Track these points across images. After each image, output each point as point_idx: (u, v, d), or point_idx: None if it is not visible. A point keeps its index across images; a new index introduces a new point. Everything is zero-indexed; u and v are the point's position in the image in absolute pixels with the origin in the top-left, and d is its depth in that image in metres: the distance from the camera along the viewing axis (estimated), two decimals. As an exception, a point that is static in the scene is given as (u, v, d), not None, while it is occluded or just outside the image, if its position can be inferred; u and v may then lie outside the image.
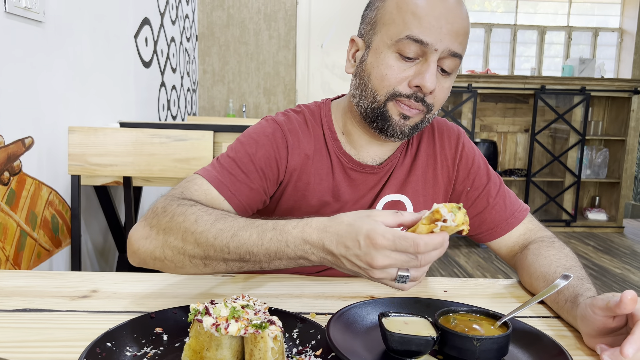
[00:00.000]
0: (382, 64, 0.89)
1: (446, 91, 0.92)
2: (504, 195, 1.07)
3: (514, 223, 1.06)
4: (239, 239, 0.75)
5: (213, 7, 4.63)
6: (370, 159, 1.03)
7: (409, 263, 0.66)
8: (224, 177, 0.92)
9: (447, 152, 1.06)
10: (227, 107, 4.72)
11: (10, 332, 0.73)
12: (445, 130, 1.08)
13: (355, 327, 0.74)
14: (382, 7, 0.91)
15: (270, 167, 0.96)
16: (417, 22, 0.86)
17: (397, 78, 0.88)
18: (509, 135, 5.07)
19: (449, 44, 0.86)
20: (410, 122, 0.92)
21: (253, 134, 0.98)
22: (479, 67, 5.37)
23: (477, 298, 0.93)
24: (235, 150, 0.96)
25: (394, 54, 0.88)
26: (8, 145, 1.52)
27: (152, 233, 0.81)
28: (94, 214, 2.22)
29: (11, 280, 0.93)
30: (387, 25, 0.89)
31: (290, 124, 1.00)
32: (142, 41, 2.81)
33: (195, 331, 0.63)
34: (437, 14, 0.85)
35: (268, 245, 0.74)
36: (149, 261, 0.83)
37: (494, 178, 1.08)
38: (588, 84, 4.58)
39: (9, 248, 1.54)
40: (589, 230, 4.84)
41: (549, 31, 5.41)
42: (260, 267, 0.77)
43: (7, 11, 1.46)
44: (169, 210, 0.82)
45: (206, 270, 0.80)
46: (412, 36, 0.86)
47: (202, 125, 2.10)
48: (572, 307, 0.79)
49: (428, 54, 0.87)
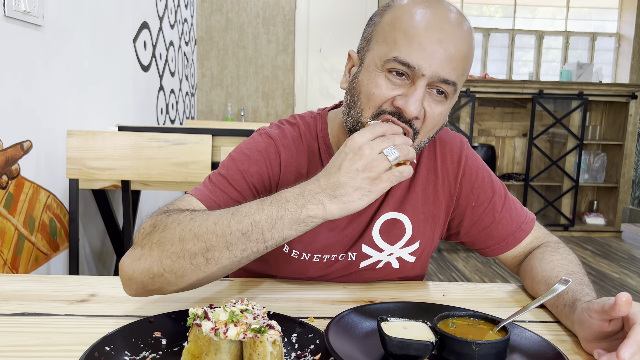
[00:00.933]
0: (372, 82, 0.85)
1: (437, 118, 0.86)
2: (509, 207, 1.03)
3: (521, 237, 1.03)
4: (239, 213, 0.74)
5: (212, 11, 4.64)
6: None
7: (386, 141, 0.74)
8: (215, 194, 0.90)
9: (449, 167, 1.01)
10: (226, 111, 4.72)
11: (9, 336, 0.73)
12: (447, 143, 1.02)
13: (354, 331, 0.74)
14: (378, 22, 0.88)
15: (263, 184, 0.94)
16: (406, 44, 0.81)
17: (385, 97, 0.84)
18: (507, 139, 5.08)
19: (439, 69, 0.81)
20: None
21: (246, 150, 0.96)
22: (477, 71, 5.39)
23: (476, 302, 0.93)
24: (227, 167, 0.94)
25: (383, 72, 0.84)
26: (6, 149, 1.51)
27: (145, 251, 0.78)
28: (92, 217, 2.22)
29: (9, 284, 0.93)
30: (380, 44, 0.85)
31: (285, 138, 0.97)
32: (141, 45, 2.81)
33: (194, 335, 0.63)
34: (429, 36, 0.81)
35: (269, 209, 0.73)
36: (147, 282, 0.78)
37: (499, 190, 1.04)
38: (586, 89, 4.60)
39: (6, 252, 1.53)
40: (587, 235, 4.84)
41: (546, 36, 5.43)
42: (263, 241, 0.74)
43: (6, 15, 1.46)
44: (159, 224, 0.79)
45: (208, 269, 0.76)
46: (399, 58, 0.81)
47: (200, 129, 2.10)
48: (571, 312, 0.79)
49: (415, 78, 0.82)
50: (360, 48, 0.91)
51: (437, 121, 0.87)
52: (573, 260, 0.95)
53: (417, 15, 0.82)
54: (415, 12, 0.83)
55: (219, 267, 0.75)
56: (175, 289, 0.78)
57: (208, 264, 0.75)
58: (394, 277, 1.04)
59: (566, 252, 0.98)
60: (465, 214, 1.03)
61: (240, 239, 0.73)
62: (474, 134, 4.94)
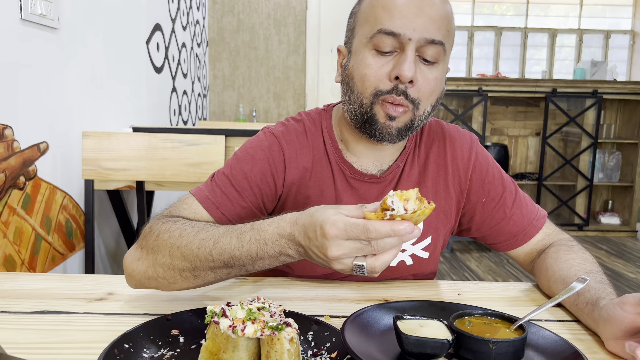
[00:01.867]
0: (362, 64, 0.88)
1: (432, 82, 0.88)
2: (520, 204, 1.03)
3: (532, 232, 1.03)
4: (220, 245, 0.77)
5: (223, 12, 4.66)
6: (371, 166, 0.99)
7: (363, 250, 0.65)
8: (215, 196, 0.92)
9: (459, 162, 1.02)
10: (238, 112, 4.74)
11: (30, 333, 0.74)
12: (457, 139, 1.03)
13: (370, 329, 0.75)
14: (358, 10, 0.92)
15: (267, 183, 0.96)
16: (387, 15, 0.85)
17: (377, 75, 0.86)
18: (520, 138, 5.04)
19: (424, 32, 0.84)
20: (396, 123, 0.88)
21: (250, 149, 0.98)
22: (489, 70, 5.36)
23: (491, 301, 0.93)
24: (230, 166, 0.96)
25: (371, 51, 0.87)
26: (24, 150, 1.54)
27: (143, 254, 0.84)
28: (107, 218, 2.24)
29: (29, 283, 0.95)
30: (363, 25, 0.89)
31: (289, 135, 0.99)
32: (154, 47, 2.83)
33: (212, 333, 0.63)
34: (407, 3, 0.84)
35: (248, 247, 0.75)
36: (144, 282, 0.84)
37: (510, 186, 1.04)
38: (600, 87, 4.55)
39: (24, 252, 1.55)
40: (601, 235, 4.79)
41: (559, 34, 5.38)
42: (246, 271, 0.79)
43: (23, 18, 1.48)
44: (154, 229, 0.84)
45: (197, 282, 0.82)
46: (384, 29, 0.85)
47: (213, 129, 2.11)
48: (593, 310, 0.78)
49: (404, 44, 0.85)
50: (346, 40, 0.95)
51: (433, 86, 0.88)
52: (589, 259, 0.95)
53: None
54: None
55: (206, 282, 0.82)
56: (170, 291, 0.85)
57: (196, 279, 0.81)
58: (408, 274, 1.04)
59: (580, 251, 0.98)
60: (476, 210, 1.04)
61: (224, 268, 0.79)
62: (487, 133, 4.91)
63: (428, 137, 1.03)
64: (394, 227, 0.62)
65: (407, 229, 0.63)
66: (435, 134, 1.03)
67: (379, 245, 0.64)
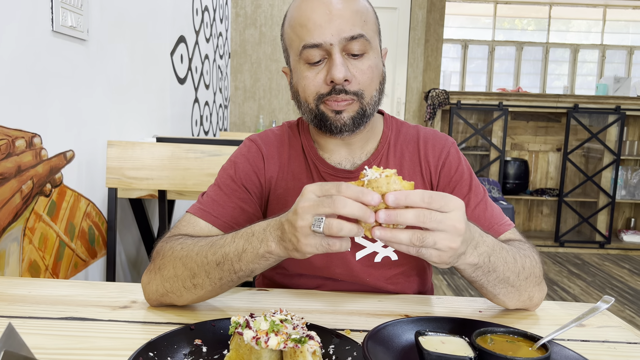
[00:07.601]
0: (300, 78, 0.95)
1: (368, 72, 0.93)
2: (484, 207, 1.02)
3: (493, 235, 0.99)
4: (215, 245, 0.82)
5: (246, 25, 4.73)
6: (344, 160, 1.05)
7: (325, 203, 0.67)
8: (207, 205, 0.99)
9: (430, 159, 1.06)
10: (258, 123, 4.78)
11: (56, 339, 0.75)
12: (430, 139, 1.08)
13: (391, 344, 0.75)
14: (284, 33, 1.00)
15: (252, 181, 1.04)
16: (305, 31, 0.91)
17: (315, 84, 0.93)
18: (541, 154, 4.99)
19: (341, 33, 0.90)
20: (347, 114, 0.94)
21: (232, 158, 1.07)
22: (509, 85, 5.33)
23: (513, 319, 0.92)
24: (218, 177, 1.05)
25: (304, 65, 0.94)
26: (51, 158, 1.57)
27: (152, 275, 0.90)
28: (128, 226, 2.27)
29: (55, 289, 0.97)
30: (291, 46, 0.96)
31: (266, 137, 1.08)
32: (178, 58, 2.88)
33: (236, 343, 0.64)
34: (317, 13, 0.90)
35: (237, 242, 0.80)
36: (159, 299, 0.90)
37: (477, 190, 1.04)
38: (623, 103, 4.50)
39: (48, 257, 1.58)
40: (624, 253, 4.70)
41: (582, 49, 5.34)
42: (235, 274, 0.81)
43: (54, 30, 1.53)
44: (160, 251, 0.91)
45: (198, 292, 0.85)
46: (307, 44, 0.91)
47: (235, 140, 2.14)
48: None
49: (329, 50, 0.91)
50: (286, 61, 1.03)
51: (370, 74, 0.94)
52: (521, 246, 0.92)
53: (302, 5, 0.93)
54: (299, 4, 0.94)
55: (205, 292, 0.85)
56: (184, 304, 0.90)
57: (195, 288, 0.85)
58: (397, 271, 1.05)
59: (522, 245, 0.94)
60: None
61: (216, 269, 0.82)
62: (507, 148, 4.88)
63: (405, 139, 1.08)
64: (362, 191, 0.66)
65: (374, 198, 0.66)
66: (411, 137, 1.08)
67: (340, 201, 0.66)
